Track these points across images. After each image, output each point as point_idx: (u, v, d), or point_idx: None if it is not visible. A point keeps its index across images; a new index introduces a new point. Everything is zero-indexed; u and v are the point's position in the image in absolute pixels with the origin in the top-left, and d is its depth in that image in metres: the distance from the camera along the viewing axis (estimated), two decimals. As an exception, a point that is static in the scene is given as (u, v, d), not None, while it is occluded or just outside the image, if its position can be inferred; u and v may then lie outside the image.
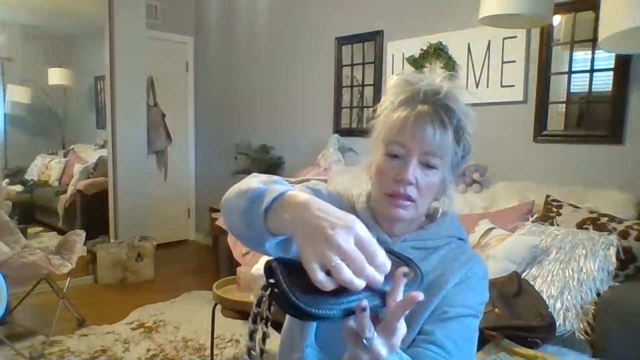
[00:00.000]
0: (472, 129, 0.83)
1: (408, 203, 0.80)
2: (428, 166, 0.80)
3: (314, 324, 0.81)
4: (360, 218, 0.87)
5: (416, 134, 0.78)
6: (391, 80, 0.84)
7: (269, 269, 0.58)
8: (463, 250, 0.86)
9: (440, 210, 0.88)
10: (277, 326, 0.93)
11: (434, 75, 0.82)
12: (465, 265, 0.82)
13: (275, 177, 0.74)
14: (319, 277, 0.53)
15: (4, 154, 3.82)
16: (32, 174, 4.25)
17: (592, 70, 2.50)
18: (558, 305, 1.84)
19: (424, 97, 0.79)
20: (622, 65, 2.38)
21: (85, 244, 3.19)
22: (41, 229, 4.18)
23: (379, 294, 0.57)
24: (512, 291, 1.88)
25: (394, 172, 0.80)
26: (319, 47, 3.86)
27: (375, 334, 0.56)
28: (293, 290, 0.54)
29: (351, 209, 0.89)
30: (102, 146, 4.22)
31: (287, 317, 0.91)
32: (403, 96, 0.81)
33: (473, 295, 0.80)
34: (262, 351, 0.63)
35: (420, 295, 0.54)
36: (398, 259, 0.66)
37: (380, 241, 0.84)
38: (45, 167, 4.31)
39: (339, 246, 0.53)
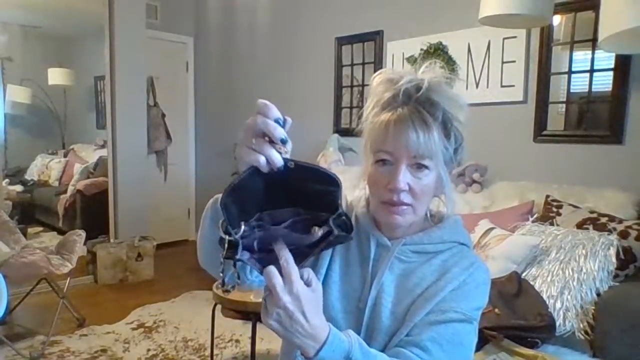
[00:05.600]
0: (463, 117, 0.80)
1: (405, 208, 0.79)
2: (419, 168, 0.78)
3: None
4: (361, 222, 0.88)
5: (399, 140, 0.76)
6: (374, 79, 0.82)
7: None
8: (465, 255, 0.84)
9: (444, 214, 0.86)
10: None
11: (416, 68, 0.79)
12: (465, 271, 0.81)
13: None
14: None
15: (4, 154, 3.82)
16: (32, 174, 4.25)
17: (592, 70, 2.50)
18: (558, 305, 1.85)
19: (404, 97, 0.77)
20: (622, 65, 2.38)
21: (85, 244, 3.19)
22: (41, 229, 4.18)
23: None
24: (512, 291, 1.88)
25: (386, 180, 0.78)
26: (319, 47, 3.86)
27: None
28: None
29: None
30: (102, 146, 4.22)
31: None
32: (386, 97, 0.79)
33: (468, 301, 0.79)
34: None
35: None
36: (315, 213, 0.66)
37: (381, 245, 0.85)
38: (45, 167, 4.31)
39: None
